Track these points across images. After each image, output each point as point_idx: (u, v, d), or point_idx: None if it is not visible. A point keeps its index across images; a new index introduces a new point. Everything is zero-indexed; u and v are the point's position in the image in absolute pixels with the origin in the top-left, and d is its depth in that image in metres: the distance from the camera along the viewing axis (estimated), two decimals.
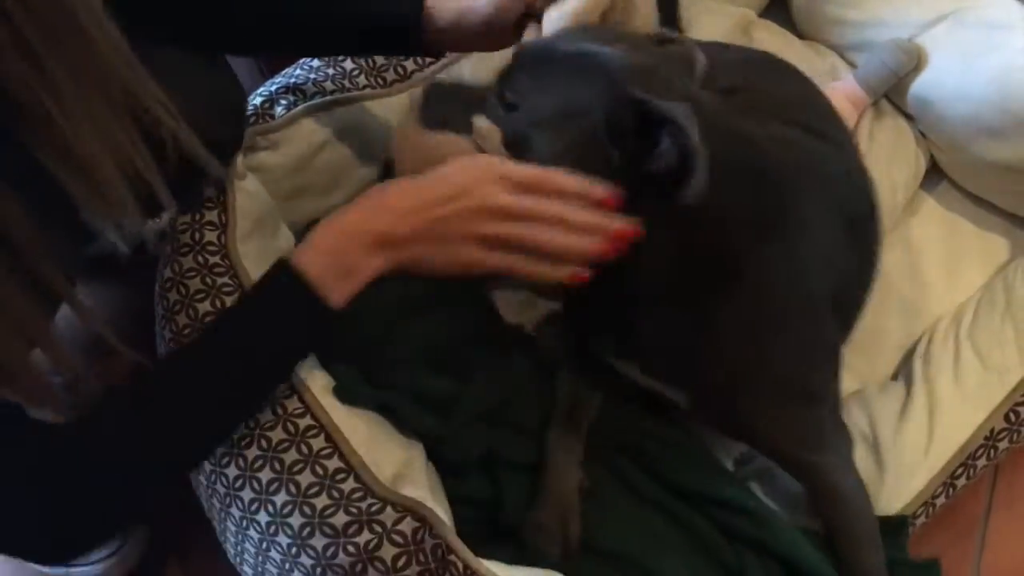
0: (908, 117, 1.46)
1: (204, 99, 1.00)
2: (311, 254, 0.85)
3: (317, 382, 1.05)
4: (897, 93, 1.45)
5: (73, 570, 1.28)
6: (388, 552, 0.94)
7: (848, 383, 1.28)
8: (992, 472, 1.34)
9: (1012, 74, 1.31)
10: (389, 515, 0.95)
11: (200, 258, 1.10)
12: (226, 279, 1.09)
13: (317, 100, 1.29)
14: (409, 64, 1.40)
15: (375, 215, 0.85)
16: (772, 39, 1.56)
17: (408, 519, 0.95)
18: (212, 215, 1.14)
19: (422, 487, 1.01)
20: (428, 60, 1.41)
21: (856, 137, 1.34)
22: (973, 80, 1.34)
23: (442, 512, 0.98)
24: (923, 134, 1.45)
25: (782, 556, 1.04)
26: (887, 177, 1.39)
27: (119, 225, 0.79)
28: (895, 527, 1.10)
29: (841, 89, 1.41)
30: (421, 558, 0.93)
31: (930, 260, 1.39)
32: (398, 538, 0.94)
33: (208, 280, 1.08)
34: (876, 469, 1.14)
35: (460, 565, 0.92)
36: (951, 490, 1.15)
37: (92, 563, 1.28)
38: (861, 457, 1.14)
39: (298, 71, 1.35)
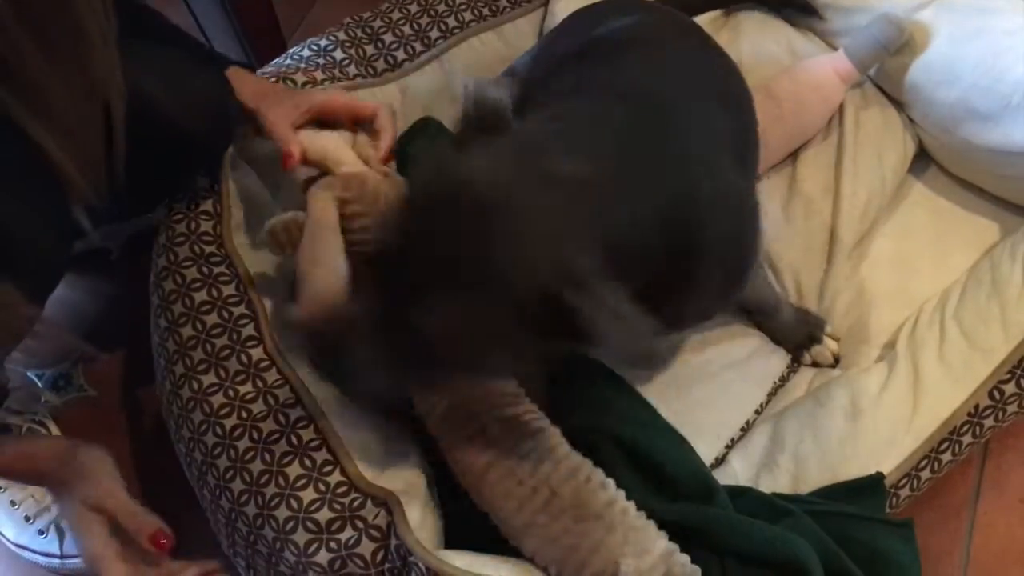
0: (895, 103, 1.46)
1: (193, 99, 1.03)
2: None
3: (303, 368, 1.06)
4: (885, 78, 1.45)
5: (68, 561, 1.29)
6: (367, 548, 0.95)
7: (837, 370, 1.29)
8: (981, 454, 1.34)
9: (999, 58, 1.31)
10: (370, 510, 0.96)
11: (196, 247, 1.10)
12: (222, 268, 1.10)
13: (308, 89, 1.29)
14: (400, 54, 1.40)
15: None
16: (753, 21, 1.55)
17: (382, 512, 0.96)
18: (207, 204, 1.14)
19: (407, 482, 1.01)
20: (419, 50, 1.42)
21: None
22: (960, 64, 1.34)
23: (414, 508, 0.98)
24: (911, 119, 1.45)
25: (761, 558, 1.02)
26: (876, 163, 1.39)
27: (92, 207, 0.84)
28: (870, 486, 1.10)
29: (830, 63, 1.40)
30: (391, 556, 0.94)
31: (918, 245, 1.39)
32: (375, 533, 0.95)
33: (204, 269, 1.09)
34: (854, 434, 1.14)
35: (422, 566, 0.91)
36: (936, 464, 1.15)
37: None
38: (838, 425, 1.15)
39: (288, 61, 1.35)
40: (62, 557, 1.29)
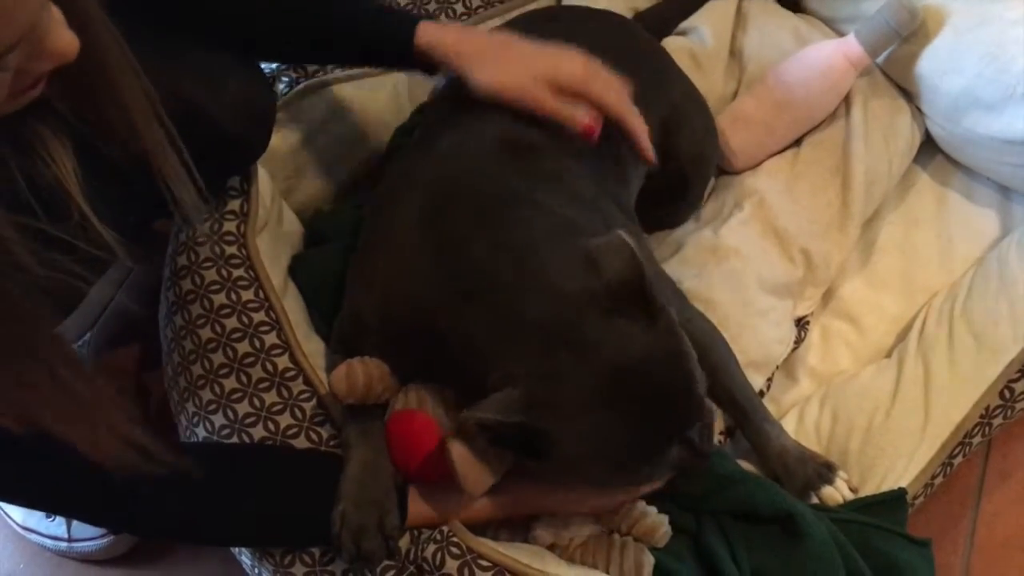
0: (903, 91, 1.45)
1: (232, 100, 1.01)
2: None
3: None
4: (893, 66, 1.45)
5: (76, 545, 1.29)
6: None
7: (844, 359, 1.30)
8: (986, 443, 1.33)
9: (1004, 47, 1.30)
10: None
11: (217, 248, 1.09)
12: (241, 271, 1.08)
13: (317, 78, 1.28)
14: None
15: None
16: (762, 9, 1.54)
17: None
18: (235, 204, 1.12)
19: None
20: None
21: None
22: (965, 53, 1.33)
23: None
24: (919, 109, 1.45)
25: (739, 510, 1.06)
26: (883, 147, 1.39)
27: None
28: (893, 500, 1.11)
29: (841, 48, 1.39)
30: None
31: (924, 234, 1.40)
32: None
33: (224, 272, 1.07)
34: (871, 455, 1.16)
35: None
36: (948, 469, 1.16)
37: (95, 539, 1.29)
38: (854, 446, 1.16)
39: None
40: (69, 540, 1.30)
